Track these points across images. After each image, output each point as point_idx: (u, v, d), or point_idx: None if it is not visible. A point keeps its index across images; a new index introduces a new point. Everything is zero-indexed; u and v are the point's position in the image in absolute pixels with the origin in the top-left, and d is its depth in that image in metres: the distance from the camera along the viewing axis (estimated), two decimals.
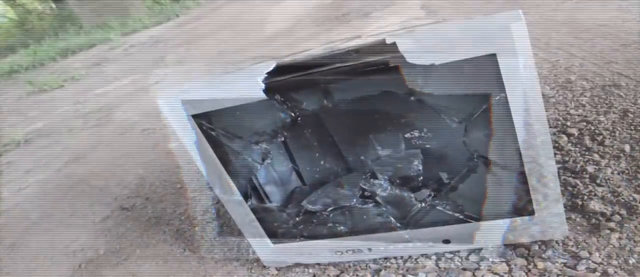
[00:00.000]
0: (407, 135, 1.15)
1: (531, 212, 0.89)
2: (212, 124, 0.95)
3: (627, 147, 1.15)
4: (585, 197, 1.02)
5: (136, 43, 6.21)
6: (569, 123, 1.35)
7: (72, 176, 2.18)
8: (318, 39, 3.60)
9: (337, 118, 1.19)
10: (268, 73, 0.84)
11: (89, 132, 2.88)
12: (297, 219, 1.06)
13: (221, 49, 4.32)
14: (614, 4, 2.31)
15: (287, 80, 0.85)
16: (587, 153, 1.18)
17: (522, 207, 0.90)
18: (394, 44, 0.75)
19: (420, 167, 1.08)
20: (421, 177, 1.06)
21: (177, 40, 5.61)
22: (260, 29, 4.75)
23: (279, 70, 0.85)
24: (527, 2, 2.88)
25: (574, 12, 2.40)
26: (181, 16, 7.62)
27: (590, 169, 1.11)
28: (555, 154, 1.23)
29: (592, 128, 1.28)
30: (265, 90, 0.83)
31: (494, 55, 0.73)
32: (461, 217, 0.95)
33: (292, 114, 0.91)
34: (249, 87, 0.84)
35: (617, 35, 1.89)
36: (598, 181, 1.06)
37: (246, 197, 1.03)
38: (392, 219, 1.00)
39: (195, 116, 0.92)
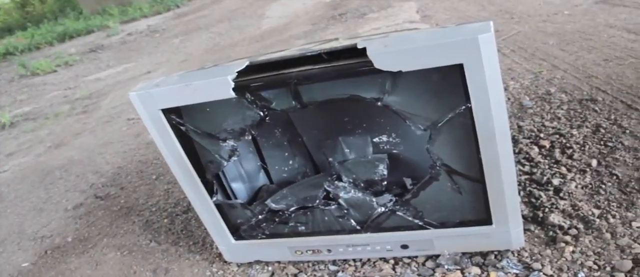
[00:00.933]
0: (376, 139, 1.15)
1: (489, 222, 0.89)
2: (181, 119, 0.95)
3: (594, 162, 1.15)
4: (547, 209, 1.02)
5: (133, 31, 6.19)
6: (542, 135, 1.36)
7: (51, 162, 2.17)
8: (312, 37, 3.59)
9: (306, 119, 1.19)
10: (239, 72, 0.84)
11: (75, 119, 2.87)
12: (260, 217, 1.06)
13: (215, 42, 4.31)
14: (602, 18, 2.32)
15: (257, 79, 0.85)
16: (555, 166, 1.18)
17: (481, 217, 0.90)
18: (364, 48, 0.75)
19: (385, 172, 1.08)
20: (385, 182, 1.06)
21: (174, 31, 5.60)
22: (257, 24, 4.74)
23: (251, 69, 0.85)
24: (520, 10, 2.88)
25: (564, 24, 2.40)
26: (182, 7, 7.60)
27: (556, 181, 1.11)
28: (524, 165, 1.23)
29: (564, 141, 1.29)
30: (235, 89, 0.83)
31: (460, 66, 0.72)
32: (420, 223, 0.95)
33: (261, 113, 0.90)
34: (219, 84, 0.84)
35: (601, 50, 1.89)
36: (561, 194, 1.06)
37: (212, 193, 1.03)
38: (352, 221, 1.00)
39: (165, 111, 0.92)
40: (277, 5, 5.49)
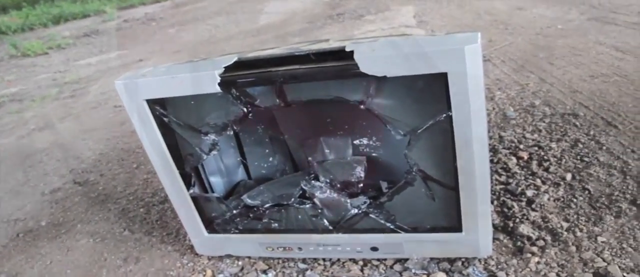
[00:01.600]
0: (356, 141, 1.15)
1: (459, 229, 0.90)
2: (165, 110, 0.94)
3: (568, 176, 1.16)
4: (518, 220, 1.03)
5: (130, 18, 6.13)
6: (522, 146, 1.37)
7: (33, 144, 2.15)
8: (308, 35, 3.59)
9: (289, 117, 1.19)
10: (227, 67, 0.83)
11: (61, 103, 2.84)
12: (235, 211, 1.06)
13: (211, 35, 4.29)
14: (593, 35, 2.35)
15: (243, 76, 0.85)
16: (531, 177, 1.19)
17: (452, 224, 0.91)
18: (352, 51, 0.75)
19: (362, 174, 1.08)
20: (361, 184, 1.07)
21: (170, 20, 5.56)
22: (255, 19, 4.73)
23: (239, 65, 0.85)
24: (515, 22, 2.90)
25: (556, 38, 2.43)
26: None
27: (530, 193, 1.12)
28: (501, 174, 1.24)
29: (542, 154, 1.30)
30: (221, 84, 0.83)
31: (444, 75, 0.73)
32: (392, 227, 0.96)
33: (245, 109, 0.90)
34: (206, 79, 0.83)
35: (589, 66, 1.92)
36: (533, 206, 1.07)
37: (189, 185, 1.03)
38: (325, 221, 1.00)
39: (149, 101, 0.91)
40: (276, 1, 5.48)
